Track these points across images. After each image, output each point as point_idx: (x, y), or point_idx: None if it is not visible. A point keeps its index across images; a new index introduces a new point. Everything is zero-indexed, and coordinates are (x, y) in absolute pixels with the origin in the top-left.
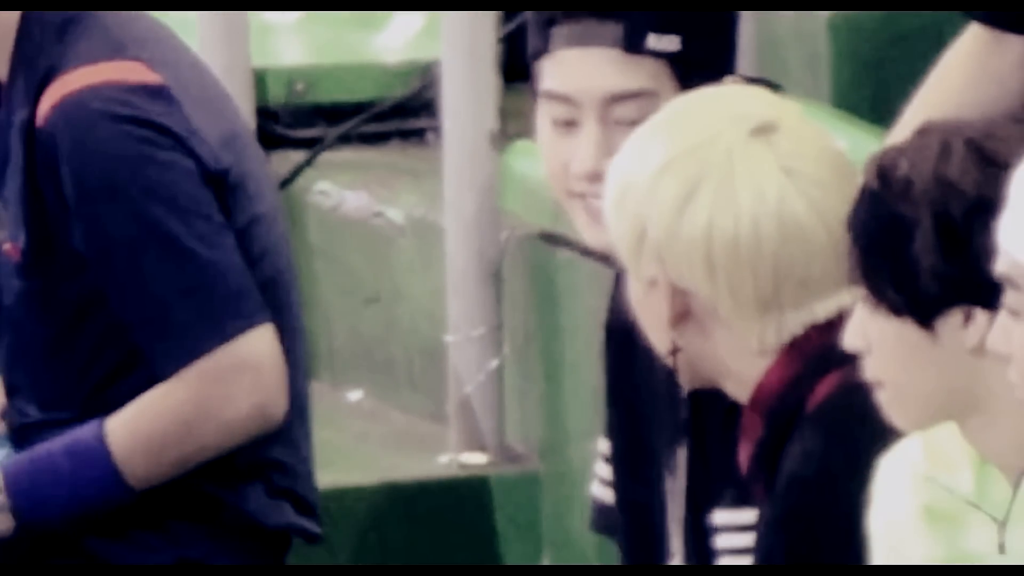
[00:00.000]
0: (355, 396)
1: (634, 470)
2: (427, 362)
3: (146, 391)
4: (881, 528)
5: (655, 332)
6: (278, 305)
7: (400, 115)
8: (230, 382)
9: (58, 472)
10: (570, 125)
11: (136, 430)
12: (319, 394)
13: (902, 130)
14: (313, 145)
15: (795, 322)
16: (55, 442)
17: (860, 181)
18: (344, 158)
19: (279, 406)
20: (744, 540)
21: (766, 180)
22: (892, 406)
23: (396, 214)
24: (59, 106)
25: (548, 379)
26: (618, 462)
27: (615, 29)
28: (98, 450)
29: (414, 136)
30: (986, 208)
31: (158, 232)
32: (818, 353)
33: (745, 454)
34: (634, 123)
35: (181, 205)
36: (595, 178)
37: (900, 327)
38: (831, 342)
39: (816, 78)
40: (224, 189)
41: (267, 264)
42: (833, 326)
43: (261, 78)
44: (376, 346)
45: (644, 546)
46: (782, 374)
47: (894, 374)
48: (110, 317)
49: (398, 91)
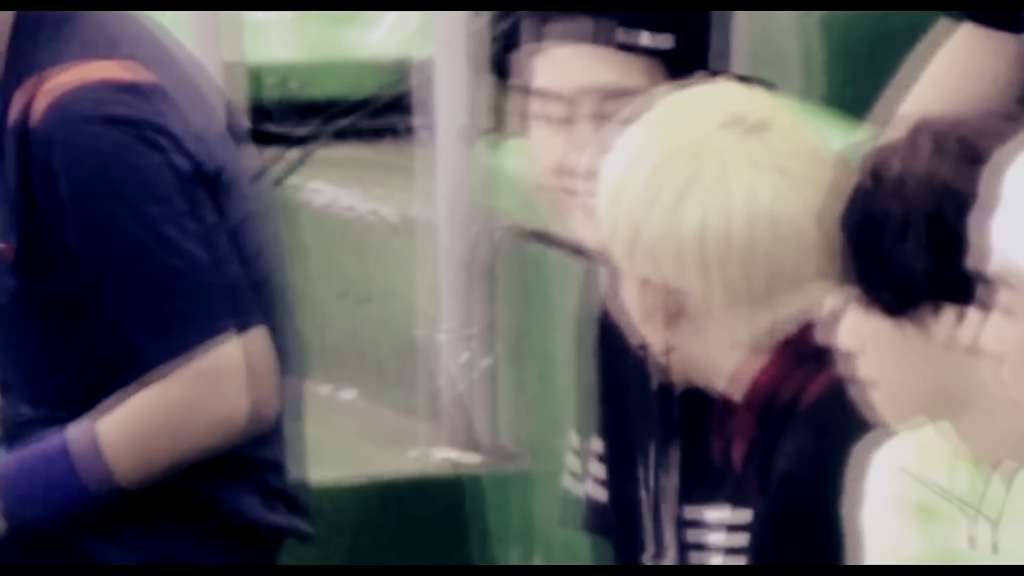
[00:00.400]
0: (347, 394)
1: (625, 468)
2: (418, 360)
3: (138, 391)
4: (872, 527)
5: (647, 331)
6: (271, 304)
7: (393, 113)
8: (222, 383)
9: (49, 473)
10: (562, 122)
11: (128, 430)
12: (310, 392)
13: (894, 127)
14: (306, 142)
15: (787, 320)
16: (46, 442)
17: (853, 179)
18: (337, 156)
19: (271, 407)
20: (735, 539)
21: (759, 179)
22: (884, 404)
23: (388, 212)
24: (53, 105)
25: (540, 377)
26: (611, 461)
27: (608, 26)
28: (90, 450)
29: (407, 134)
30: (978, 207)
31: (151, 233)
32: (811, 351)
33: (738, 452)
34: (625, 121)
35: (175, 206)
36: (588, 175)
37: (892, 326)
38: (824, 340)
39: (809, 76)
40: (217, 188)
41: (260, 263)
42: (826, 324)
43: (254, 75)
44: (368, 344)
45: (635, 545)
46: (775, 373)
47: (887, 373)
48: (103, 316)
49: (391, 89)
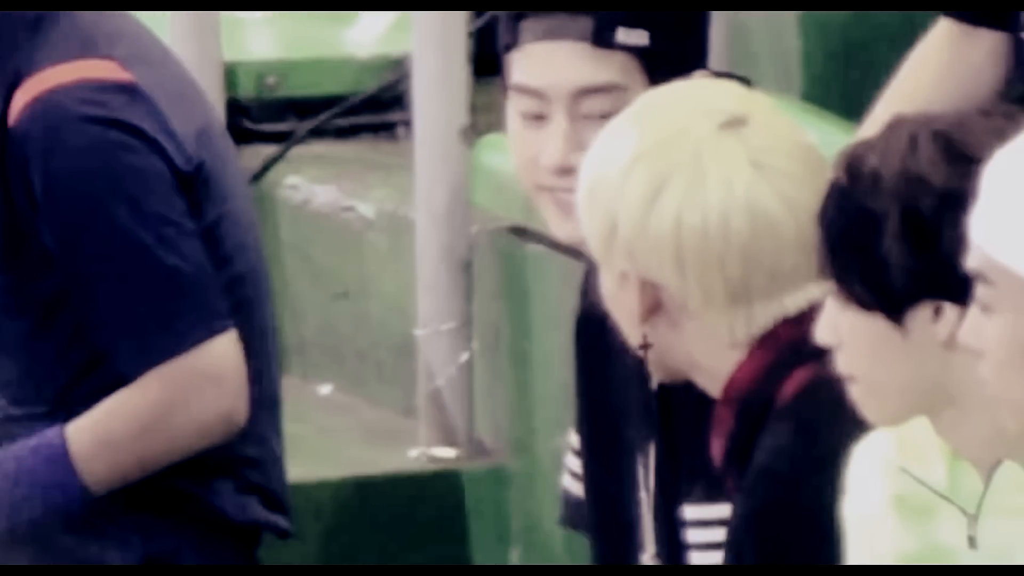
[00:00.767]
0: (325, 390)
1: (605, 464)
2: (397, 356)
3: (114, 390)
4: (853, 520)
5: (626, 326)
6: (249, 301)
7: (371, 109)
8: (193, 389)
9: (18, 474)
10: (539, 119)
11: (97, 434)
12: (289, 388)
13: (873, 124)
14: (283, 139)
15: (765, 316)
16: (18, 445)
17: (830, 175)
18: (314, 152)
19: (241, 412)
20: (715, 535)
21: (735, 174)
22: (864, 400)
23: (366, 208)
24: (31, 105)
25: (518, 373)
26: (589, 456)
27: (584, 23)
28: (59, 453)
29: (384, 130)
30: (955, 202)
31: (124, 238)
32: (789, 347)
33: (717, 448)
34: (603, 117)
35: (149, 211)
36: (564, 172)
37: (870, 321)
38: (803, 336)
39: (787, 72)
40: (195, 186)
41: (238, 260)
42: (804, 320)
43: (231, 72)
44: (346, 340)
45: (615, 540)
46: (753, 368)
47: (865, 368)
48: (79, 315)
49: (369, 85)
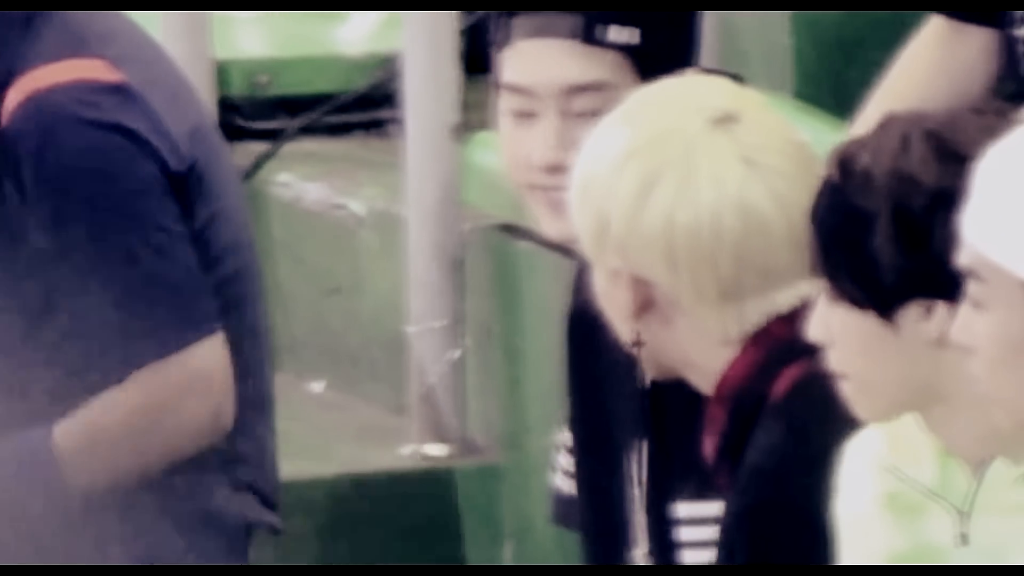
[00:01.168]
0: (317, 387)
1: (597, 461)
2: (389, 353)
3: (102, 392)
4: (845, 519)
5: (619, 323)
6: (241, 299)
7: (361, 107)
8: (178, 391)
9: (2, 475)
10: (529, 117)
11: (84, 435)
12: (281, 385)
13: (865, 122)
14: (275, 137)
15: (757, 313)
16: (3, 445)
17: (822, 173)
18: (305, 150)
19: (227, 415)
20: (707, 533)
21: (727, 171)
22: (855, 397)
23: (357, 206)
24: (23, 105)
25: (510, 370)
26: (581, 453)
27: (574, 21)
28: (43, 454)
29: (375, 128)
30: (946, 201)
31: (113, 241)
32: (781, 344)
33: (709, 446)
34: (593, 115)
35: (139, 214)
36: (554, 170)
37: (861, 319)
38: (794, 333)
39: (778, 69)
40: (188, 186)
41: (230, 259)
42: (796, 317)
43: (223, 70)
44: (338, 338)
45: (607, 538)
46: (745, 365)
47: (857, 365)
48: (69, 317)
49: (359, 83)
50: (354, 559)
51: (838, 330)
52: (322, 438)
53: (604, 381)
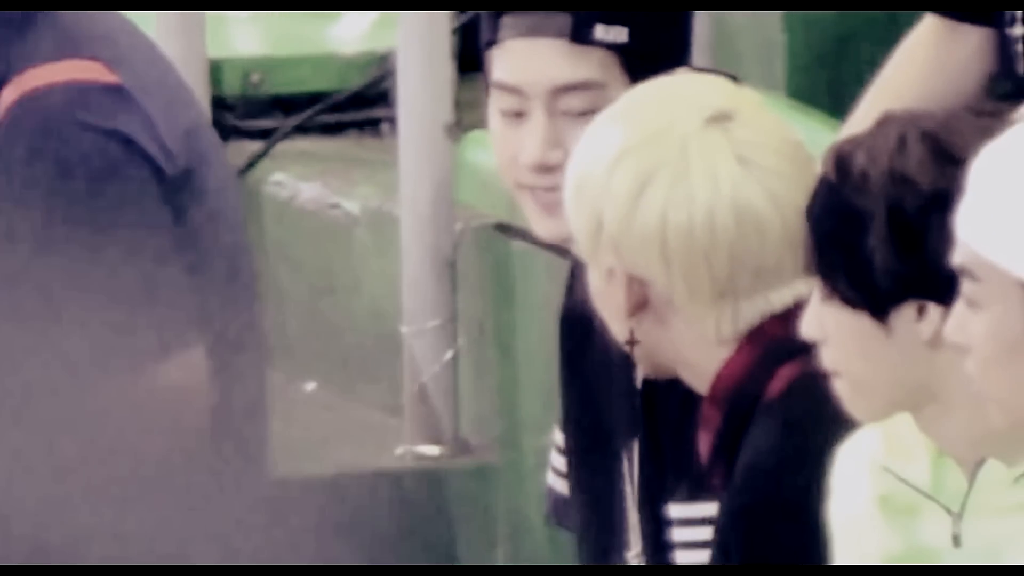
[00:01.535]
0: (310, 387)
1: (590, 461)
2: (382, 353)
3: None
4: (839, 520)
5: (613, 322)
6: (235, 299)
7: (355, 106)
8: (156, 403)
9: None
10: (519, 116)
11: None
12: (274, 385)
13: (859, 121)
14: (268, 136)
15: (751, 312)
16: None
17: (817, 171)
18: (299, 149)
19: (204, 427)
20: (700, 533)
21: (721, 169)
22: (849, 396)
23: (351, 205)
24: (17, 105)
25: (503, 370)
26: (574, 453)
27: (563, 20)
28: None
29: (369, 127)
30: (941, 203)
31: (97, 247)
32: (776, 343)
33: (704, 445)
34: (582, 114)
35: (126, 222)
36: (543, 169)
37: (855, 318)
38: (789, 332)
39: (771, 68)
40: (181, 188)
41: (224, 258)
42: (791, 316)
43: (216, 69)
44: (331, 337)
45: (600, 538)
46: (740, 364)
47: (850, 364)
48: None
49: (353, 82)
50: (348, 559)
51: (832, 328)
52: (315, 438)
53: (598, 381)
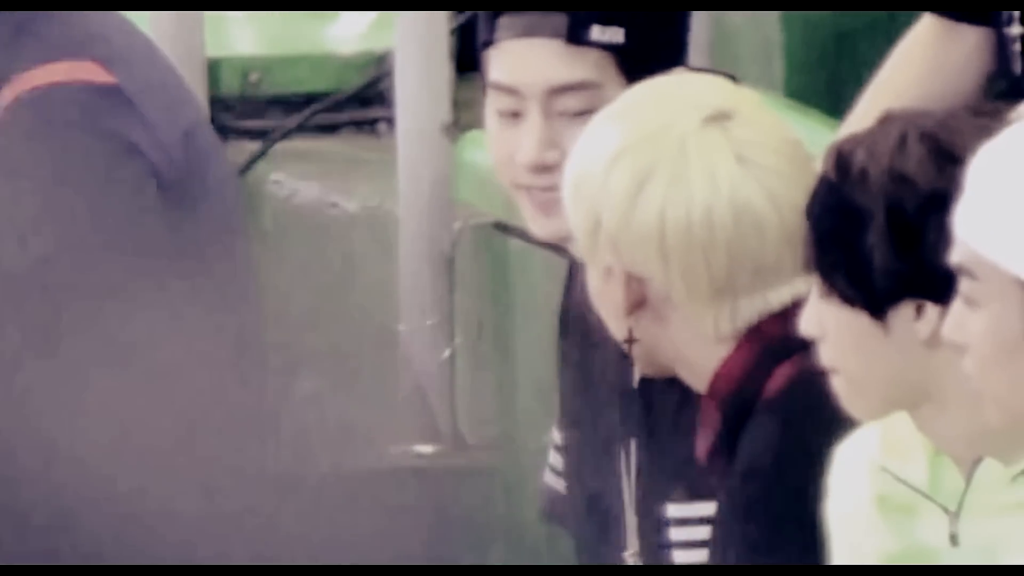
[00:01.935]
0: (307, 385)
1: (588, 460)
2: (380, 352)
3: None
4: (837, 520)
5: (612, 320)
6: (233, 298)
7: (354, 106)
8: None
9: None
10: (515, 116)
11: None
12: (271, 384)
13: (857, 120)
14: (267, 136)
15: (750, 310)
16: None
17: (815, 170)
18: (298, 148)
19: (203, 428)
20: (697, 533)
21: (720, 168)
22: (846, 393)
23: (350, 204)
24: (15, 104)
25: (501, 369)
26: (571, 452)
27: (559, 20)
28: None
29: (367, 126)
30: (940, 202)
31: (84, 250)
32: (774, 342)
33: (703, 443)
34: (578, 115)
35: (118, 224)
36: (539, 169)
37: (853, 316)
38: (787, 331)
39: (770, 67)
40: (179, 189)
41: (224, 258)
42: (789, 315)
43: (215, 68)
44: (329, 336)
45: (597, 538)
46: (738, 363)
47: (848, 361)
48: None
49: (352, 82)
50: (344, 558)
51: (830, 326)
52: (312, 436)
53: (596, 380)
